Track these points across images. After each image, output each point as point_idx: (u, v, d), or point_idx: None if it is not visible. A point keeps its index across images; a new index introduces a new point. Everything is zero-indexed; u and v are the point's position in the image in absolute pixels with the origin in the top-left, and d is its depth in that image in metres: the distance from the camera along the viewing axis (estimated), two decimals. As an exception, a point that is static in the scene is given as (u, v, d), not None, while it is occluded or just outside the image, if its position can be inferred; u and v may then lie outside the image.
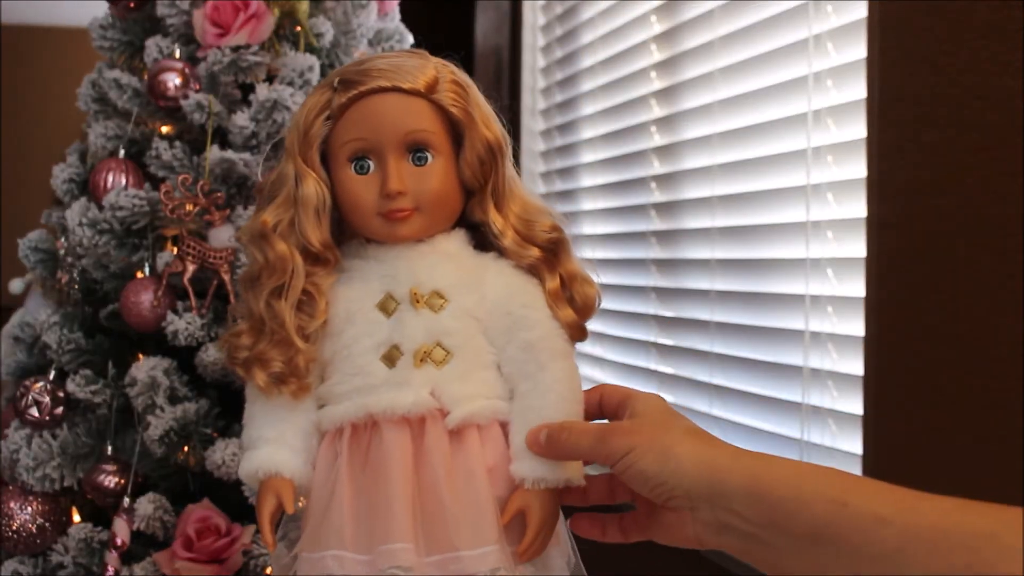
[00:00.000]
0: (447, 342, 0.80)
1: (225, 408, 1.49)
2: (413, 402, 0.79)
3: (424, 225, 0.82)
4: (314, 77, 1.51)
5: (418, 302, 0.81)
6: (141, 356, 1.49)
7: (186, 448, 1.43)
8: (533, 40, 2.79)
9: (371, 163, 0.82)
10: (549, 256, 0.83)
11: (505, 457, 0.79)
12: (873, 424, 1.32)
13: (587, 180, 2.38)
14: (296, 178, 0.83)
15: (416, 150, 0.81)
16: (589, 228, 2.34)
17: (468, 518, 0.76)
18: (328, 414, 0.82)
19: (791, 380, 1.56)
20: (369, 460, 0.79)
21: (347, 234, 0.87)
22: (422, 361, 0.80)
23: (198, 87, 1.52)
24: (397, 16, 1.74)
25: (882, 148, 1.31)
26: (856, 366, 1.39)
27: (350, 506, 0.78)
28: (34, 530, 1.48)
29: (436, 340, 0.80)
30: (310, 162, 0.83)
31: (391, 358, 0.80)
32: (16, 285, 1.89)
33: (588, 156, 2.38)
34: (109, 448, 1.47)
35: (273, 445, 0.81)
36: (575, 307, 0.82)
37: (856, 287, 1.40)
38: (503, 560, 0.76)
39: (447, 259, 0.83)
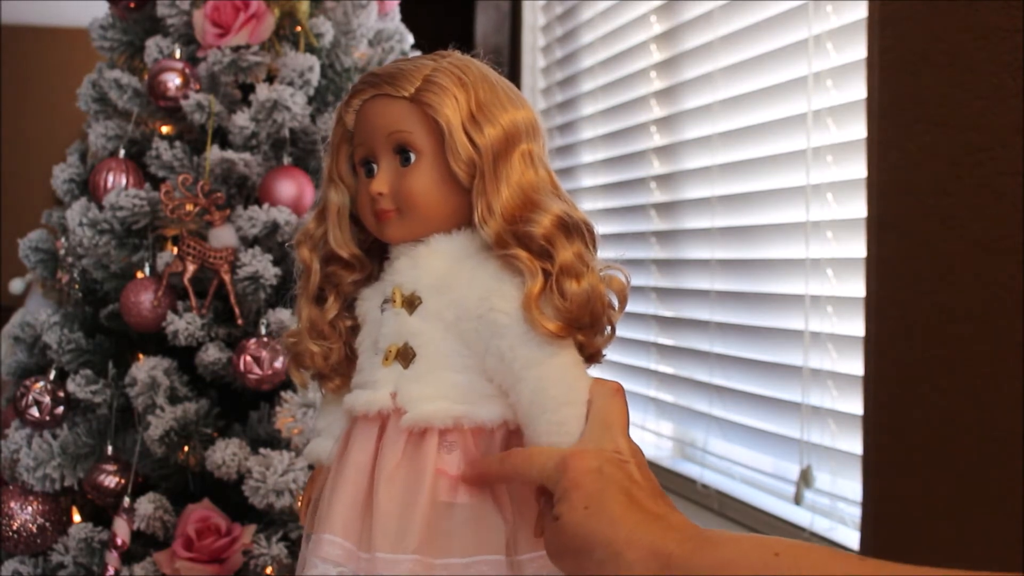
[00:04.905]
0: (414, 343, 0.80)
1: (225, 408, 1.49)
2: (366, 401, 0.81)
3: (410, 225, 0.82)
4: (314, 77, 1.51)
5: (395, 302, 0.82)
6: (141, 356, 1.49)
7: (186, 448, 1.43)
8: (533, 40, 2.80)
9: (375, 166, 0.83)
10: (537, 257, 0.78)
11: (468, 463, 0.78)
12: (873, 424, 1.32)
13: (587, 180, 2.38)
14: (326, 186, 0.87)
15: (401, 151, 0.82)
16: (589, 228, 2.34)
17: (393, 521, 0.76)
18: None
19: (791, 380, 1.56)
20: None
21: None
22: (387, 360, 0.81)
23: (198, 87, 1.52)
24: (397, 16, 1.74)
25: (882, 148, 1.31)
26: (856, 366, 1.39)
27: (325, 495, 0.82)
28: (34, 530, 1.48)
29: (404, 340, 0.81)
30: (336, 170, 0.86)
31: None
32: (16, 285, 1.89)
33: (588, 156, 2.38)
34: (109, 448, 1.47)
35: (322, 435, 0.89)
36: (558, 306, 0.76)
37: (856, 287, 1.40)
38: (417, 570, 0.75)
39: (435, 260, 0.82)
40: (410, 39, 1.73)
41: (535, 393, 0.76)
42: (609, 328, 0.81)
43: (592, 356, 0.81)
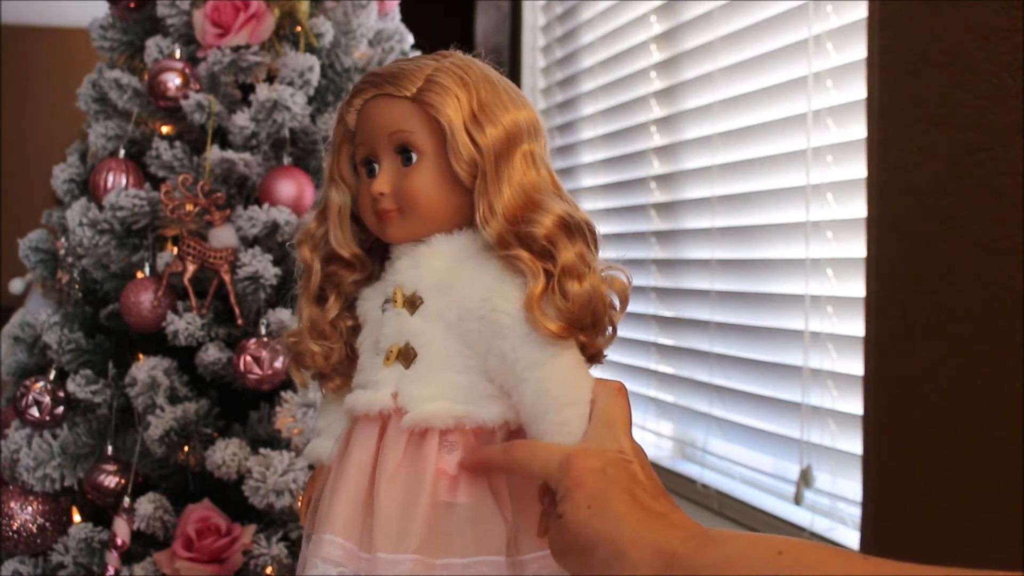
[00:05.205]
0: (415, 343, 0.80)
1: (225, 408, 1.49)
2: (367, 401, 0.81)
3: (412, 225, 0.82)
4: (314, 77, 1.51)
5: (396, 302, 0.82)
6: (141, 356, 1.49)
7: (186, 448, 1.43)
8: (533, 40, 2.80)
9: (377, 166, 0.83)
10: (539, 257, 0.77)
11: (468, 451, 0.78)
12: (873, 424, 1.32)
13: (587, 180, 2.38)
14: (327, 186, 0.87)
15: (402, 151, 0.82)
16: (589, 228, 2.33)
17: (394, 521, 0.76)
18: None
19: (791, 380, 1.56)
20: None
21: None
22: (389, 360, 0.81)
23: (198, 87, 1.52)
24: (397, 16, 1.74)
25: (882, 148, 1.31)
26: (856, 366, 1.39)
27: (326, 495, 0.82)
28: (34, 530, 1.48)
29: (406, 340, 0.81)
30: (337, 170, 0.86)
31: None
32: (16, 285, 1.89)
33: (588, 156, 2.38)
34: (109, 448, 1.47)
35: (322, 435, 0.89)
36: (559, 307, 0.76)
37: (856, 287, 1.40)
38: (417, 570, 0.75)
39: (437, 260, 0.82)
40: (410, 39, 1.73)
41: (537, 394, 0.76)
42: (611, 328, 0.81)
43: (593, 356, 0.81)
